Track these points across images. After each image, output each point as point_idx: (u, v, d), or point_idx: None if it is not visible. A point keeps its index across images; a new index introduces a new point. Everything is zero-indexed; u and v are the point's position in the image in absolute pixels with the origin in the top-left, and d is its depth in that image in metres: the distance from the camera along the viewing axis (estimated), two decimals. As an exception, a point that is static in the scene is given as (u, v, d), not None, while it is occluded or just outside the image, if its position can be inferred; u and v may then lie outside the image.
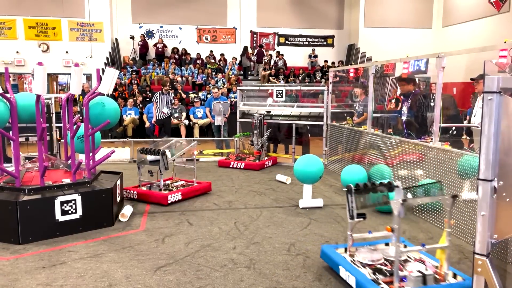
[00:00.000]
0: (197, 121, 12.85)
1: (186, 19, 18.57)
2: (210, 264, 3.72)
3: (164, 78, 15.74)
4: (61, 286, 3.32)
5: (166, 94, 10.40)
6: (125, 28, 18.13)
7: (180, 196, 5.80)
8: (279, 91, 8.57)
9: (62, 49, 16.79)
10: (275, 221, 4.99)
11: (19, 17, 16.37)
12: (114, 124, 5.35)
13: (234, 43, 19.13)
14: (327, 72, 18.07)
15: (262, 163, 8.14)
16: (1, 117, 4.29)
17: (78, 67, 4.67)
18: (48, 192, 4.47)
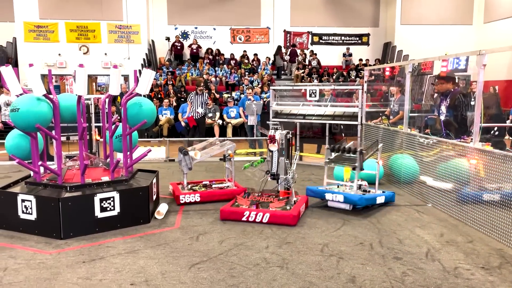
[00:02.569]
0: (231, 121, 12.97)
1: (220, 20, 18.77)
2: (243, 263, 3.75)
3: (199, 78, 15.99)
4: (100, 280, 3.44)
5: (201, 94, 10.55)
6: (161, 29, 18.54)
7: (198, 198, 5.70)
8: (313, 90, 8.51)
9: (101, 51, 17.36)
10: (308, 221, 4.96)
11: (61, 21, 17.06)
12: (150, 124, 5.48)
13: (267, 43, 19.17)
14: (361, 71, 17.80)
15: (297, 211, 4.90)
16: (45, 117, 4.48)
17: (116, 68, 4.82)
18: (88, 190, 4.64)
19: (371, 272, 3.57)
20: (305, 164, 8.73)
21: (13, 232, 4.53)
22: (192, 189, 5.94)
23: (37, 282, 3.39)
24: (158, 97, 14.29)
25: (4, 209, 4.64)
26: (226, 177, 6.33)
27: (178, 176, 7.31)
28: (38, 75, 4.40)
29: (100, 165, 5.29)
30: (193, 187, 6.07)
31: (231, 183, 6.17)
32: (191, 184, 6.16)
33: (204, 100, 10.75)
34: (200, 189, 5.94)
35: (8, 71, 4.46)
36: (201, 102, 10.60)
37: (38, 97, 4.45)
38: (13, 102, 4.50)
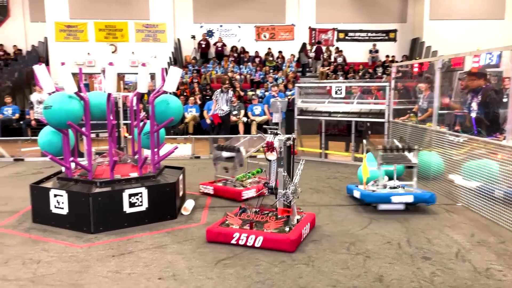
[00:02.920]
0: (255, 118, 12.98)
1: (245, 17, 18.79)
2: (269, 260, 3.76)
3: (223, 76, 16.07)
4: (129, 274, 3.51)
5: (226, 92, 10.60)
6: (187, 28, 18.71)
7: (254, 193, 5.84)
8: (339, 87, 8.42)
9: (129, 50, 17.67)
10: (334, 219, 4.92)
11: (90, 21, 17.45)
12: (177, 121, 5.55)
13: (292, 40, 19.06)
14: (388, 68, 17.48)
15: (297, 234, 4.04)
16: (76, 114, 4.60)
17: (145, 66, 4.90)
18: (117, 185, 4.74)
19: (399, 271, 3.51)
20: (330, 162, 8.66)
21: (46, 226, 4.68)
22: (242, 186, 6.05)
23: (68, 275, 3.49)
24: (184, 95, 14.44)
25: (37, 204, 4.80)
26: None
27: (203, 173, 7.39)
28: (70, 73, 4.52)
29: (129, 162, 5.39)
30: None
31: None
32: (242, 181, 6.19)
33: (229, 97, 10.80)
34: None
35: (41, 70, 4.60)
36: (226, 100, 10.65)
37: (69, 95, 4.57)
38: (45, 100, 4.64)
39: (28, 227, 4.69)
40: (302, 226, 4.25)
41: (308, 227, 4.39)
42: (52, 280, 3.39)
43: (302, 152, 9.30)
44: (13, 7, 18.61)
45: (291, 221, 4.27)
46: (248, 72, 17.37)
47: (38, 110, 10.59)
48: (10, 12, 18.59)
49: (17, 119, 12.63)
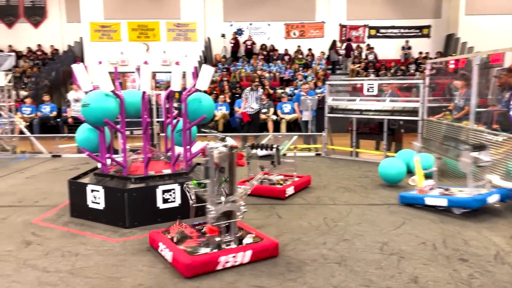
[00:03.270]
0: (284, 116, 12.97)
1: (274, 15, 18.76)
2: (301, 258, 3.75)
3: (253, 74, 16.11)
4: (164, 268, 3.58)
5: (255, 90, 10.62)
6: (217, 27, 18.86)
7: (293, 190, 5.89)
8: (370, 85, 8.29)
9: (160, 49, 17.98)
10: (366, 219, 4.86)
11: (123, 21, 17.87)
12: (209, 119, 5.60)
13: (322, 37, 18.90)
14: (421, 65, 17.07)
15: (201, 260, 3.43)
16: (112, 112, 4.72)
17: (179, 65, 4.97)
18: (151, 181, 4.84)
19: (434, 273, 3.43)
20: (361, 160, 8.54)
21: (83, 220, 4.84)
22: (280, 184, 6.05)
23: (105, 268, 3.60)
24: (214, 93, 14.58)
25: (75, 199, 4.96)
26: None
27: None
28: (106, 72, 4.64)
29: (162, 158, 5.49)
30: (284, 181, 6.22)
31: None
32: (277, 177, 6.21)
33: (259, 95, 10.81)
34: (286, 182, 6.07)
35: (79, 69, 4.75)
36: (256, 98, 10.67)
37: (106, 93, 4.70)
38: (83, 98, 4.79)
39: (66, 221, 4.86)
40: (225, 253, 3.50)
41: (243, 256, 3.56)
42: (90, 272, 3.50)
43: (333, 151, 9.23)
44: (50, 8, 19.29)
45: (212, 242, 3.63)
46: (277, 70, 17.35)
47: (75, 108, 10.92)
48: (48, 13, 19.28)
49: (54, 117, 13.10)
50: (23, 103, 13.37)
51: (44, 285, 3.29)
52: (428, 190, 5.29)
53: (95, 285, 3.27)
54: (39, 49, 19.32)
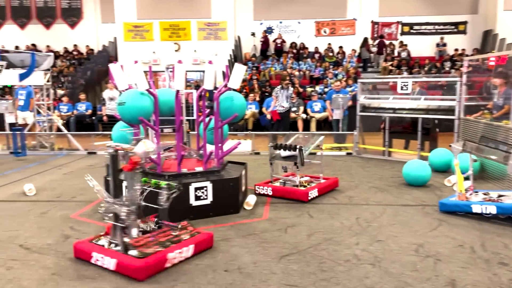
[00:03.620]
0: (314, 115, 12.88)
1: (304, 13, 18.63)
2: (333, 258, 3.72)
3: (283, 73, 16.07)
4: (197, 265, 3.63)
5: (286, 89, 10.59)
6: (247, 25, 18.91)
7: (316, 193, 5.70)
8: (404, 83, 8.11)
9: (191, 48, 18.20)
10: (400, 219, 4.76)
11: (155, 21, 18.19)
12: (241, 118, 5.63)
13: (353, 35, 18.62)
14: (457, 62, 16.57)
15: (157, 259, 3.45)
16: (147, 110, 4.82)
17: (211, 64, 5.02)
18: (184, 179, 4.91)
19: (473, 276, 3.33)
20: (394, 160, 8.37)
21: (118, 216, 4.95)
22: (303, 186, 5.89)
23: (141, 262, 3.67)
24: (243, 91, 14.63)
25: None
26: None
27: (264, 169, 7.44)
28: (142, 71, 4.74)
29: (194, 156, 5.56)
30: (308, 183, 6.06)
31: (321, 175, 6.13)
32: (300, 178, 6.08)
33: (289, 94, 10.78)
34: (311, 184, 5.89)
35: (116, 68, 4.87)
36: (287, 96, 10.64)
37: (141, 91, 4.80)
38: (119, 96, 4.91)
39: (101, 217, 4.98)
40: (164, 253, 3.53)
41: (187, 250, 3.69)
42: (126, 266, 3.58)
43: (364, 150, 9.09)
44: (86, 10, 19.87)
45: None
46: (307, 68, 17.24)
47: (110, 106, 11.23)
48: (83, 14, 19.86)
49: (90, 115, 13.49)
50: (60, 101, 13.83)
51: (83, 278, 3.39)
52: (469, 196, 5.01)
53: (130, 279, 3.35)
54: (75, 49, 19.93)
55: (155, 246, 3.62)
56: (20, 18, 19.90)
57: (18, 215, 5.08)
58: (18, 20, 19.92)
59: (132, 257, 3.44)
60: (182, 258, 3.65)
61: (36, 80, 9.78)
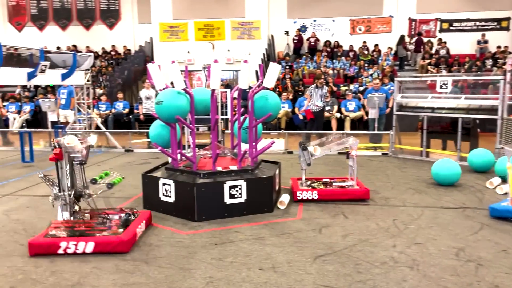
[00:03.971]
0: (349, 114, 12.69)
1: (339, 11, 18.39)
2: (369, 260, 3.65)
3: (316, 71, 15.93)
4: (231, 262, 3.66)
5: (321, 88, 10.50)
6: (280, 24, 18.85)
7: (316, 196, 5.47)
8: (444, 81, 7.86)
9: (225, 48, 18.34)
10: (439, 222, 4.62)
11: (190, 21, 18.44)
12: (275, 117, 5.63)
13: (389, 32, 18.21)
14: (499, 60, 15.90)
15: (131, 234, 4.01)
16: (184, 109, 4.90)
17: (247, 63, 5.04)
18: (219, 177, 4.96)
19: (518, 283, 3.19)
20: (432, 161, 8.11)
21: (155, 212, 5.05)
22: (311, 186, 5.78)
23: (177, 259, 3.74)
24: (276, 90, 14.61)
25: (148, 191, 5.22)
26: (349, 175, 5.93)
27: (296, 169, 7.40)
28: (178, 70, 4.82)
29: (228, 155, 5.60)
30: (313, 184, 5.89)
31: (353, 182, 5.80)
32: (310, 181, 5.99)
33: (324, 93, 10.67)
34: (319, 187, 5.73)
35: (154, 68, 4.97)
36: (321, 95, 10.54)
37: (178, 91, 4.88)
38: (157, 95, 5.01)
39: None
40: (136, 225, 4.20)
41: (143, 225, 4.39)
42: (163, 262, 3.66)
43: (401, 150, 8.89)
44: (123, 11, 20.40)
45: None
46: (342, 66, 17.01)
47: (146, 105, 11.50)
48: (121, 15, 20.40)
49: (127, 114, 13.85)
50: (99, 100, 14.27)
51: (122, 272, 3.49)
52: None
53: (168, 275, 3.42)
54: (113, 49, 20.50)
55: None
56: (61, 19, 20.68)
57: (60, 209, 5.28)
58: (59, 22, 20.70)
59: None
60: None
61: (77, 79, 10.13)
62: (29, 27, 20.88)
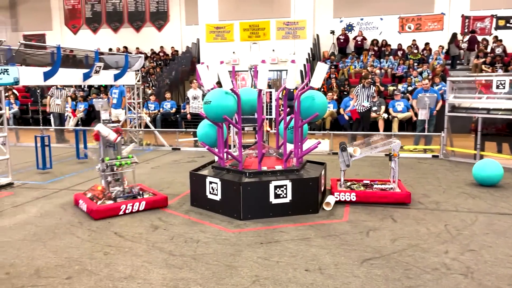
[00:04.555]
0: (397, 115, 12.33)
1: (387, 9, 17.90)
2: (420, 265, 3.54)
3: (363, 71, 15.61)
4: (277, 262, 3.67)
5: (367, 87, 10.28)
6: (326, 23, 18.63)
7: (354, 198, 5.38)
8: (501, 81, 7.45)
9: (269, 48, 18.38)
10: (495, 229, 4.40)
11: (236, 21, 18.63)
12: (321, 117, 5.57)
13: (441, 31, 17.50)
14: None
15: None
16: (231, 109, 4.96)
17: (294, 63, 5.03)
18: (264, 176, 4.98)
19: None
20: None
21: (202, 210, 5.18)
22: (349, 187, 5.68)
23: (223, 256, 3.80)
24: (321, 90, 14.45)
25: (195, 189, 5.34)
26: (391, 177, 5.68)
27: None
28: (227, 71, 4.89)
29: (274, 155, 5.62)
30: (352, 185, 5.78)
31: (394, 184, 5.60)
32: (350, 182, 5.90)
33: (371, 93, 10.44)
34: (359, 189, 5.61)
35: (202, 68, 5.07)
36: (368, 96, 10.32)
37: (226, 91, 4.95)
38: (206, 95, 5.11)
39: (187, 209, 5.25)
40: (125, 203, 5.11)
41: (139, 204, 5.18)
42: (210, 259, 3.73)
43: (452, 153, 8.53)
44: (172, 13, 20.96)
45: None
46: (389, 66, 16.55)
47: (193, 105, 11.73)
48: (170, 17, 20.97)
49: (174, 113, 14.21)
50: (148, 100, 14.73)
51: (171, 267, 3.59)
52: None
53: (215, 272, 3.48)
54: (161, 50, 21.10)
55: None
56: (113, 22, 21.56)
57: (112, 204, 5.51)
58: (112, 24, 21.59)
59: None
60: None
61: (129, 80, 10.51)
62: (83, 29, 21.93)
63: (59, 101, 12.00)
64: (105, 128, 5.24)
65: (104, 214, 4.93)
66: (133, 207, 5.13)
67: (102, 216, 4.90)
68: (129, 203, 5.13)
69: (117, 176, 5.38)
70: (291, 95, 12.01)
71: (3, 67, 6.16)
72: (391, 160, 5.58)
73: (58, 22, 22.31)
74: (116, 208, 5.02)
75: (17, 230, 4.57)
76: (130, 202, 5.14)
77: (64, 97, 12.15)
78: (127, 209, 5.09)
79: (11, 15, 22.74)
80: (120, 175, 5.42)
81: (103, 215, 4.92)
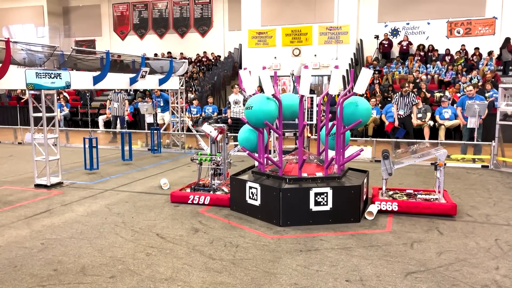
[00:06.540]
0: (444, 122, 11.87)
1: (435, 13, 17.33)
2: (468, 281, 3.36)
3: (407, 76, 15.16)
4: (317, 271, 3.60)
5: (406, 96, 10.00)
6: (370, 28, 18.30)
7: (396, 207, 5.20)
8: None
9: (311, 53, 18.27)
10: (552, 246, 4.12)
11: (278, 27, 18.67)
12: (365, 123, 5.46)
13: (492, 35, 16.73)
14: None
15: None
16: (272, 114, 4.96)
17: (338, 69, 4.96)
18: (304, 183, 4.93)
19: None
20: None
21: (241, 214, 5.19)
22: (391, 197, 5.49)
23: (262, 262, 3.79)
24: (364, 96, 14.16)
25: (235, 193, 5.36)
26: (437, 188, 5.45)
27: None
28: (269, 76, 4.89)
29: (315, 161, 5.55)
30: (394, 194, 5.60)
31: (439, 195, 5.36)
32: (393, 191, 5.73)
33: (411, 100, 10.12)
34: (401, 198, 5.42)
35: (245, 74, 5.11)
36: (405, 104, 10.03)
37: (267, 96, 4.96)
38: (247, 100, 5.13)
39: (227, 213, 5.28)
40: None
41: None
42: (249, 265, 3.73)
43: (504, 163, 8.10)
44: (215, 19, 21.33)
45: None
46: (436, 71, 15.99)
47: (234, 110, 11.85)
48: (213, 23, 21.35)
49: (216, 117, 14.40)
50: (191, 104, 15.03)
51: (211, 271, 3.62)
52: None
53: (254, 277, 3.47)
54: (204, 55, 21.50)
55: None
56: (159, 28, 22.23)
57: (155, 206, 5.65)
58: (157, 30, 22.27)
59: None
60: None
61: (173, 84, 10.77)
62: (131, 35, 22.76)
63: (116, 104, 12.48)
64: (208, 127, 6.01)
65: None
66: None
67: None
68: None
69: (219, 170, 6.08)
70: (333, 100, 11.86)
71: (56, 72, 6.48)
72: (437, 169, 5.36)
73: (107, 28, 23.28)
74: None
75: (65, 228, 4.78)
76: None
77: (121, 100, 12.59)
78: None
79: (64, 21, 23.96)
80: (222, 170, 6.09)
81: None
